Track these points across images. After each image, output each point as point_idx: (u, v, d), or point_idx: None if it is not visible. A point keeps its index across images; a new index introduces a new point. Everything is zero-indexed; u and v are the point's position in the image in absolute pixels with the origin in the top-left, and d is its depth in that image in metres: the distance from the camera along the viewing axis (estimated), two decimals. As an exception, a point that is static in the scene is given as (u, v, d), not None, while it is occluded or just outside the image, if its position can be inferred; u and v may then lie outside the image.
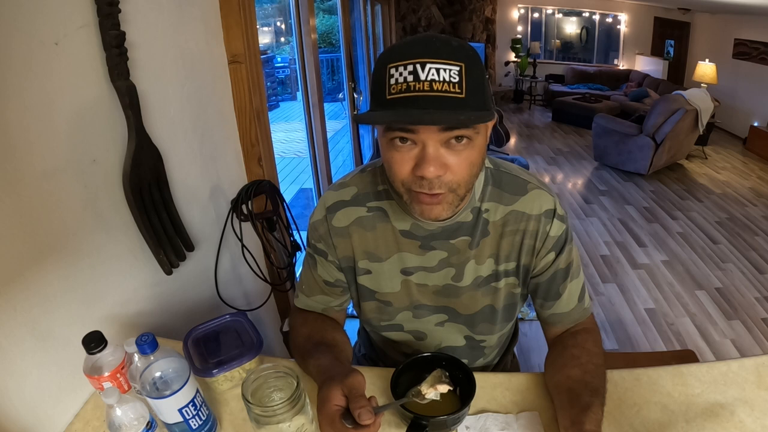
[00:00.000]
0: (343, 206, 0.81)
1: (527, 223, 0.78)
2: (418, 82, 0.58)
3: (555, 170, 5.17)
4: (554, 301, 0.83)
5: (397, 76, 0.60)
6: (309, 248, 0.87)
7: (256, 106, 1.42)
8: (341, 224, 0.81)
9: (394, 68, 0.60)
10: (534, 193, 0.78)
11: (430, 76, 0.58)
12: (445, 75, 0.58)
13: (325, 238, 0.82)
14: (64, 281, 0.79)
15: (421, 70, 0.58)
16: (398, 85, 0.59)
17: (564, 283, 0.81)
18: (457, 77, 0.59)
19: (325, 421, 0.62)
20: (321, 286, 0.86)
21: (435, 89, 0.58)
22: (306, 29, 2.53)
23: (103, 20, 0.81)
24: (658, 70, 7.42)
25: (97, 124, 0.85)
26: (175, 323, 1.10)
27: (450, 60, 0.59)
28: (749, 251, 3.31)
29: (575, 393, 0.70)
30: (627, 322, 2.59)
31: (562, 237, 0.79)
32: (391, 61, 0.60)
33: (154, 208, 0.99)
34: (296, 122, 7.07)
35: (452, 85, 0.59)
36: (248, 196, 1.30)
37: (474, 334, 0.87)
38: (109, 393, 0.62)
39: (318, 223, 0.83)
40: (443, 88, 0.58)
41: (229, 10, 1.28)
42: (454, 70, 0.59)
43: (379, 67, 0.62)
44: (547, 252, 0.79)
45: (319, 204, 0.84)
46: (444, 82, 0.58)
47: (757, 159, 5.34)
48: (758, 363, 0.84)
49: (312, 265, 0.86)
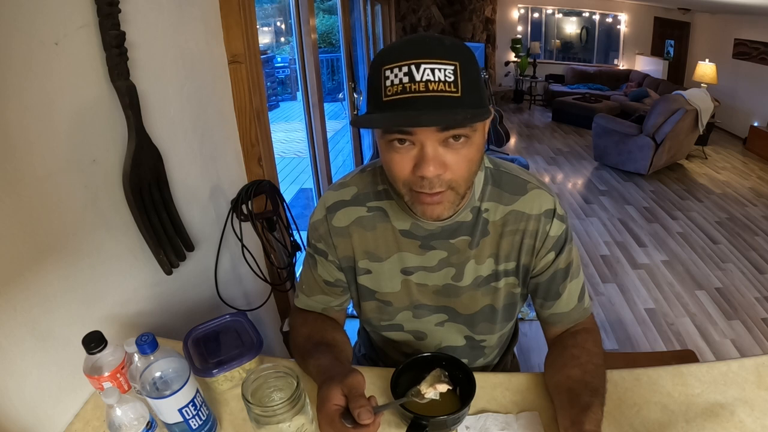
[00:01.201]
0: (343, 206, 0.81)
1: (527, 222, 0.78)
2: (413, 83, 0.58)
3: (555, 170, 5.17)
4: (554, 301, 0.83)
5: (392, 78, 0.59)
6: (309, 248, 0.87)
7: (256, 106, 1.42)
8: (341, 224, 0.81)
9: (389, 70, 0.60)
10: (534, 192, 0.78)
11: (425, 76, 0.58)
12: (440, 74, 0.58)
13: (325, 238, 0.82)
14: (64, 281, 0.79)
15: (416, 70, 0.58)
16: (394, 87, 0.59)
17: (564, 283, 0.81)
18: (452, 76, 0.59)
19: (325, 420, 0.62)
20: (321, 286, 0.86)
21: (431, 89, 0.58)
22: (306, 29, 2.53)
23: (103, 20, 0.81)
24: (658, 70, 7.42)
25: (97, 124, 0.85)
26: (175, 323, 1.10)
27: (444, 59, 0.59)
28: (749, 251, 3.31)
29: (575, 393, 0.70)
30: (627, 322, 2.59)
31: (562, 237, 0.79)
32: (385, 63, 0.60)
33: (154, 208, 0.99)
34: (296, 122, 7.07)
35: (448, 84, 0.59)
36: (248, 196, 1.30)
37: (474, 334, 0.87)
38: (109, 393, 0.62)
39: (318, 223, 0.83)
40: (439, 87, 0.58)
41: (229, 10, 1.28)
42: (449, 69, 0.59)
43: (374, 69, 0.62)
44: (546, 252, 0.79)
45: (319, 204, 0.84)
46: (439, 81, 0.58)
47: (757, 159, 5.34)
48: (758, 363, 0.84)
49: (312, 264, 0.87)
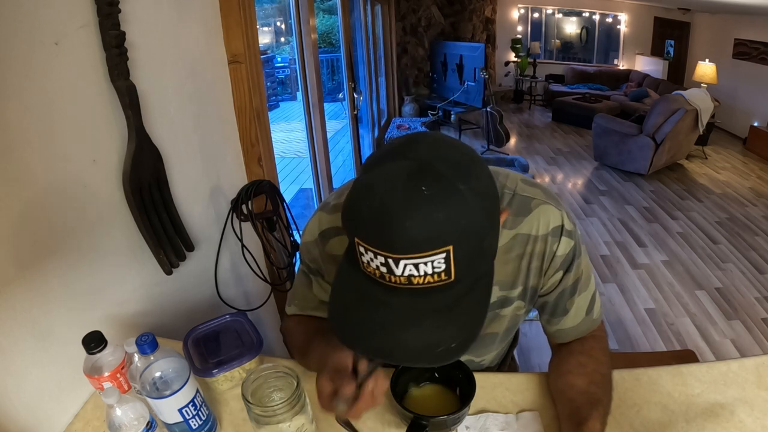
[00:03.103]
0: (337, 233, 0.77)
1: (534, 245, 0.73)
2: (393, 275, 0.49)
3: (555, 170, 5.17)
4: (561, 317, 0.80)
5: (368, 259, 0.50)
6: (303, 266, 0.85)
7: (256, 106, 1.42)
8: (336, 252, 0.77)
9: (363, 248, 0.49)
10: (539, 210, 0.72)
11: (406, 271, 0.48)
12: (426, 268, 0.48)
13: (319, 262, 0.80)
14: (63, 281, 0.79)
15: (395, 265, 0.48)
16: (371, 269, 0.50)
17: (571, 299, 0.78)
18: (442, 265, 0.48)
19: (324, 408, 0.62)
20: (316, 304, 0.85)
21: (415, 283, 0.49)
22: (306, 29, 2.53)
23: (103, 20, 0.81)
24: (658, 70, 7.41)
25: (97, 124, 0.85)
26: (175, 323, 1.10)
27: (431, 251, 0.47)
28: (749, 251, 3.31)
29: (576, 405, 0.69)
30: (627, 322, 2.59)
31: (570, 254, 0.74)
32: (357, 235, 0.50)
33: (154, 208, 0.99)
34: (296, 122, 7.07)
35: (436, 275, 0.49)
36: (248, 196, 1.30)
37: (474, 357, 0.87)
38: (109, 393, 0.62)
39: (311, 245, 0.80)
40: (425, 281, 0.49)
41: (229, 10, 1.28)
42: (437, 259, 0.47)
43: (347, 227, 0.52)
44: (555, 271, 0.75)
45: (313, 223, 0.80)
46: (426, 275, 0.48)
47: (757, 159, 5.34)
48: (758, 363, 0.84)
49: (307, 284, 0.84)
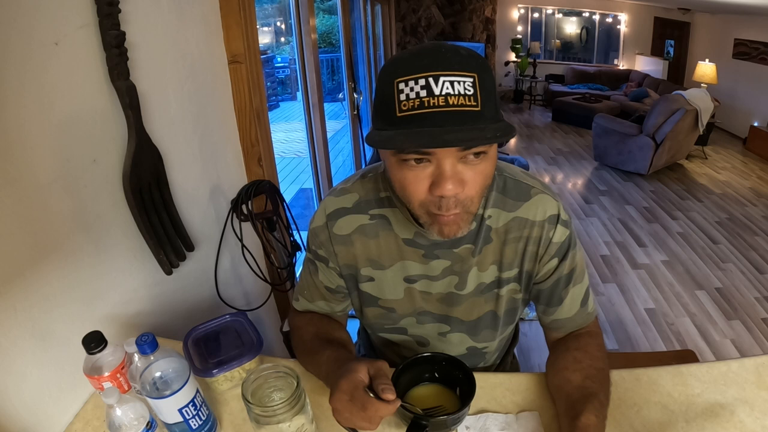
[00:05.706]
0: (345, 213, 0.79)
1: (531, 229, 0.76)
2: (432, 97, 0.55)
3: (555, 170, 5.17)
4: (556, 307, 0.81)
5: (407, 92, 0.56)
6: (309, 253, 0.85)
7: (256, 106, 1.42)
8: (343, 232, 0.79)
9: (403, 83, 0.56)
10: (537, 198, 0.76)
11: (444, 89, 0.55)
12: (459, 87, 0.55)
13: (326, 245, 0.81)
14: (64, 281, 0.79)
15: (435, 83, 0.55)
16: (410, 102, 0.56)
17: (566, 289, 0.80)
18: (471, 89, 0.55)
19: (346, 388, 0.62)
20: (322, 292, 0.86)
21: (451, 103, 0.55)
22: (306, 29, 2.53)
23: (103, 20, 0.81)
24: (658, 70, 7.42)
25: (97, 124, 0.85)
26: (175, 323, 1.10)
27: (463, 71, 0.55)
28: (749, 251, 3.31)
29: (572, 400, 0.70)
30: (627, 322, 2.59)
31: (566, 243, 0.77)
32: (398, 76, 0.56)
33: (154, 208, 0.99)
34: (296, 122, 7.07)
35: (467, 98, 0.55)
36: (248, 196, 1.30)
37: (476, 342, 0.87)
38: (109, 393, 0.62)
39: (318, 230, 0.81)
40: (459, 101, 0.55)
41: (229, 10, 1.28)
42: (468, 81, 0.55)
43: (385, 81, 0.58)
44: (550, 258, 0.78)
45: (320, 209, 0.82)
46: (459, 95, 0.55)
47: (757, 159, 5.34)
48: (758, 363, 0.84)
49: (313, 271, 0.85)
